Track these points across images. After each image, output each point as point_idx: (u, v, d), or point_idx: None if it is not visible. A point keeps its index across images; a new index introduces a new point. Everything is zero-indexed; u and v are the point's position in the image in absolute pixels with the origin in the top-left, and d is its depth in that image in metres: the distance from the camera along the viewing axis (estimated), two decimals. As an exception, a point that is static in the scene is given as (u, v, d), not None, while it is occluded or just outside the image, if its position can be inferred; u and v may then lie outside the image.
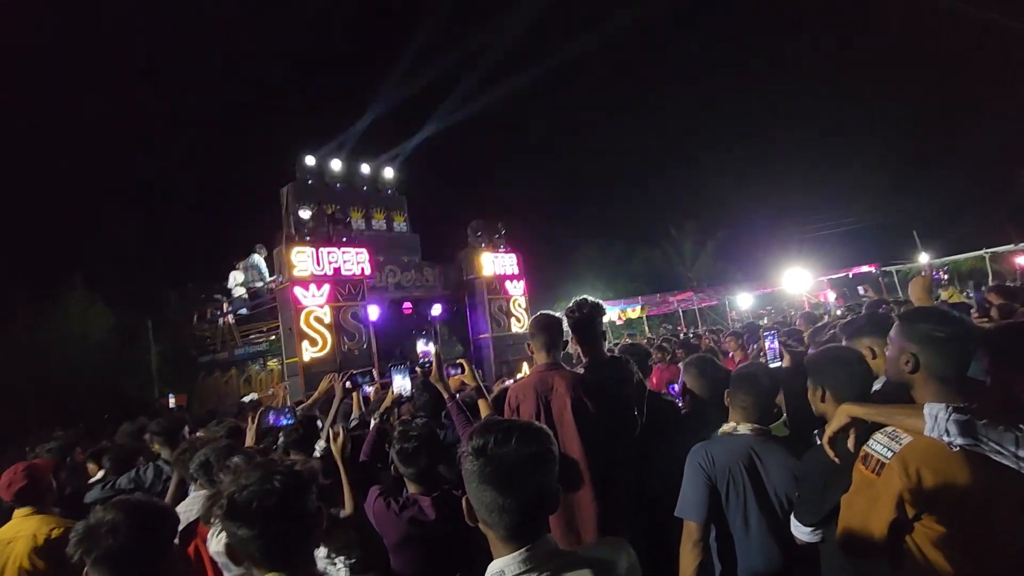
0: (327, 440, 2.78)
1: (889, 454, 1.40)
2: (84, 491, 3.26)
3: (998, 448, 1.29)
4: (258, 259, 11.05)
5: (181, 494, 2.78)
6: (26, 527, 2.25)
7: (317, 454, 2.78)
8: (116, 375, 15.59)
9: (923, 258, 17.20)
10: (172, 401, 10.31)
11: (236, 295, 11.52)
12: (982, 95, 29.57)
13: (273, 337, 9.61)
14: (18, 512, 2.34)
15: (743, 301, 19.02)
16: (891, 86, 33.02)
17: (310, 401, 3.70)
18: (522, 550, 1.02)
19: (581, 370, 2.58)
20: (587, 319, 2.58)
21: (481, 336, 10.71)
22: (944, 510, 1.34)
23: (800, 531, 1.70)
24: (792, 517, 1.74)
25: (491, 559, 1.06)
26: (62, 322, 15.61)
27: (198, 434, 3.50)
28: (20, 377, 13.11)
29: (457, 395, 2.74)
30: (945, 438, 1.32)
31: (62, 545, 2.09)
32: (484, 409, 2.78)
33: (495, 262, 10.92)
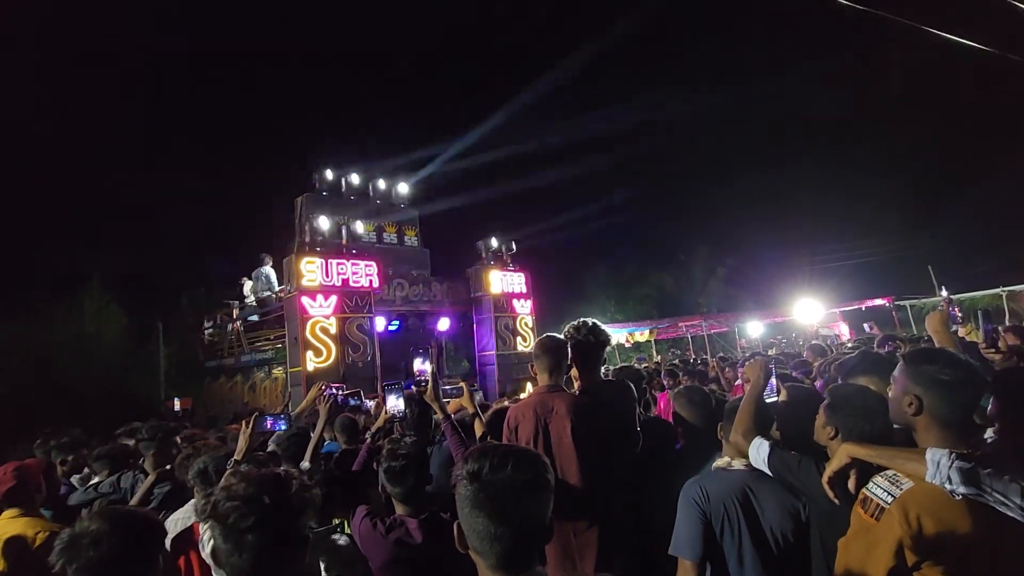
0: (311, 460, 2.76)
1: (889, 499, 1.36)
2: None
3: (1003, 499, 1.24)
4: (268, 270, 11.18)
5: (147, 501, 2.79)
6: (12, 529, 2.24)
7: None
8: (126, 375, 15.74)
9: (943, 292, 16.89)
10: (177, 404, 10.38)
11: (248, 302, 11.62)
12: (1001, 132, 29.40)
13: (280, 345, 9.65)
14: (5, 513, 2.33)
15: (753, 329, 18.80)
16: (908, 121, 32.92)
17: (298, 410, 3.68)
18: None
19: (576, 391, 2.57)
20: (586, 342, 2.58)
21: (486, 353, 10.68)
22: (944, 560, 1.29)
23: (758, 452, 1.79)
24: (766, 444, 1.79)
25: None
26: (76, 320, 15.83)
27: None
28: (34, 374, 13.28)
29: (453, 415, 2.72)
30: (947, 486, 1.28)
31: (46, 550, 2.08)
32: (479, 429, 2.76)
33: (503, 280, 10.93)
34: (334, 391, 3.31)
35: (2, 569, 2.12)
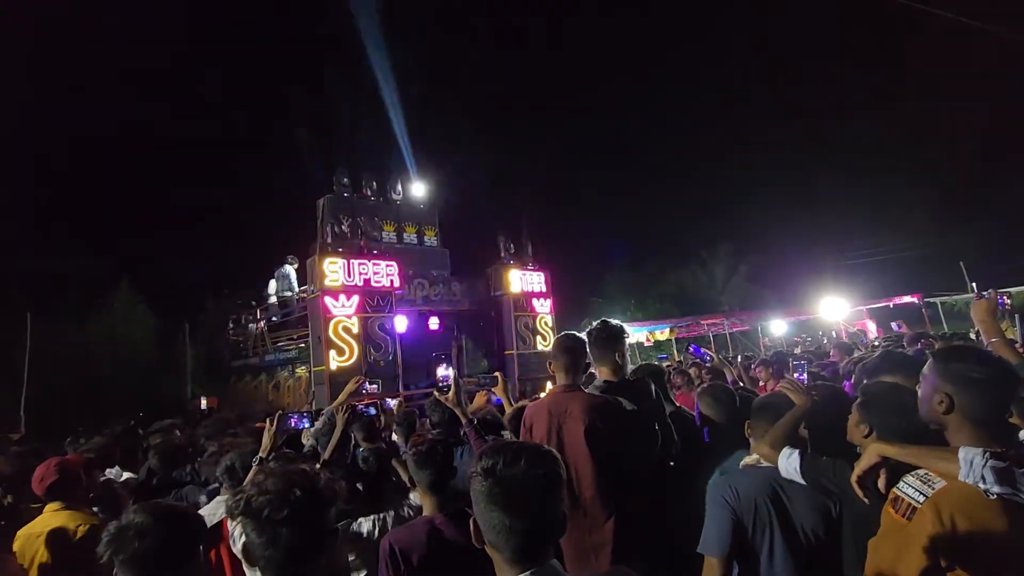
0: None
1: (921, 498, 1.33)
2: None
3: None
4: (289, 269, 11.37)
5: None
6: (54, 522, 2.32)
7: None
8: (156, 376, 16.17)
9: (973, 288, 16.31)
10: (204, 403, 10.62)
11: (271, 303, 11.85)
12: (1036, 123, 28.34)
13: (303, 345, 9.82)
14: (49, 507, 2.41)
15: (777, 327, 18.50)
16: (939, 113, 31.95)
17: (335, 403, 3.76)
18: (526, 573, 1.01)
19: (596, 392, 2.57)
20: (607, 341, 2.58)
21: (506, 353, 10.69)
22: (979, 561, 1.27)
23: (789, 462, 1.73)
24: (796, 454, 1.74)
25: None
26: (108, 323, 16.30)
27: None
28: (68, 374, 13.73)
29: (475, 419, 2.77)
30: (981, 485, 1.25)
31: (87, 541, 2.16)
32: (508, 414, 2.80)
33: (523, 279, 10.94)
34: (368, 387, 3.40)
35: (46, 560, 2.21)
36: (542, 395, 3.77)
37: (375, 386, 3.56)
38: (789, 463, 1.76)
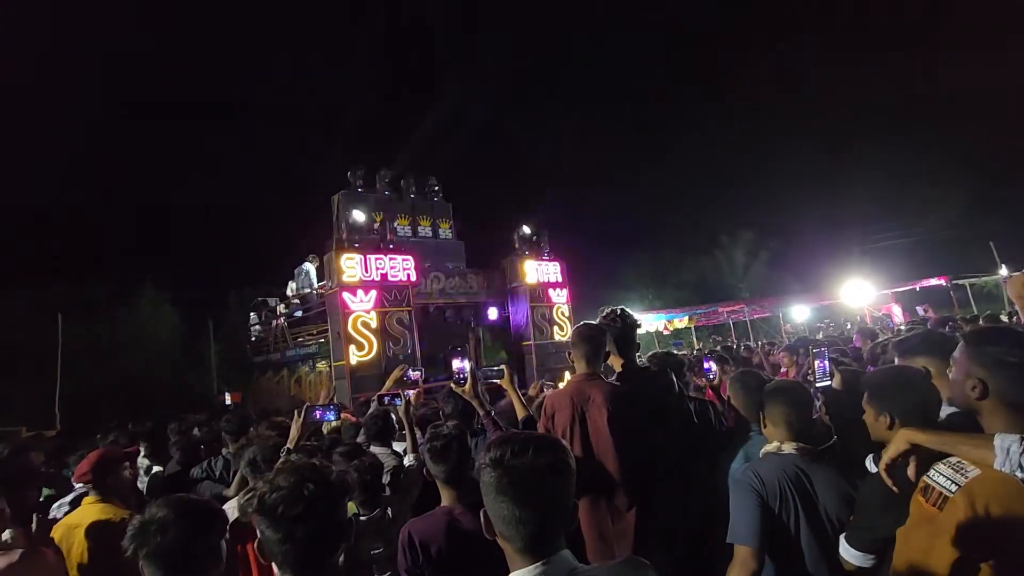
0: None
1: (953, 487, 1.29)
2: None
3: None
4: (309, 267, 11.54)
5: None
6: (89, 514, 2.39)
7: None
8: (181, 372, 16.56)
9: (1003, 271, 15.79)
10: (228, 398, 10.85)
11: (292, 299, 12.02)
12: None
13: (323, 340, 9.93)
14: (86, 499, 2.49)
15: (798, 313, 18.20)
16: (966, 91, 30.80)
17: (383, 391, 3.79)
18: (538, 564, 1.01)
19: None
20: (622, 330, 2.57)
21: (524, 344, 10.70)
22: (1016, 552, 1.22)
23: (850, 554, 1.60)
24: (842, 539, 1.64)
25: None
26: (136, 321, 16.72)
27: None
28: (99, 373, 14.14)
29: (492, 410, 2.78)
30: (1018, 474, 1.21)
31: (120, 534, 2.22)
32: (520, 412, 2.80)
33: (539, 270, 10.91)
34: (412, 374, 3.41)
35: (84, 551, 2.27)
36: (560, 385, 3.76)
37: (419, 372, 3.57)
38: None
